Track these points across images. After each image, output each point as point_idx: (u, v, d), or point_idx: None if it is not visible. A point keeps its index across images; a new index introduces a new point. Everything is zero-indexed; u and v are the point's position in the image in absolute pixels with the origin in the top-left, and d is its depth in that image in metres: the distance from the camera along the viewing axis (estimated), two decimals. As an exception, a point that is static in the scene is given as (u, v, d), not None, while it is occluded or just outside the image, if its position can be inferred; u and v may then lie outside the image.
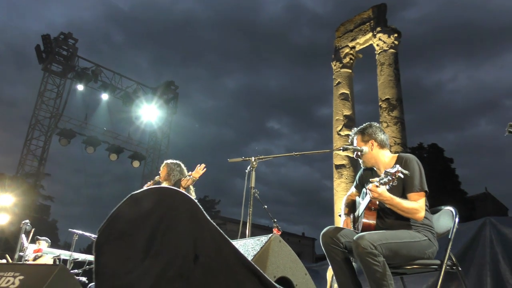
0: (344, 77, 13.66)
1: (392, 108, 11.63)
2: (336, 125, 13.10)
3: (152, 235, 1.55)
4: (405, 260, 2.57)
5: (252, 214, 3.40)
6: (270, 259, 2.23)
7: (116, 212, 1.68)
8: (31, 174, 17.64)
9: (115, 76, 19.27)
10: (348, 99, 13.36)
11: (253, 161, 3.47)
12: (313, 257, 44.75)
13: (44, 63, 18.04)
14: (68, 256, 7.31)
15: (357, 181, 3.12)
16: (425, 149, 32.32)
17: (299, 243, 45.45)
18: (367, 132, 2.95)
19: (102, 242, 1.60)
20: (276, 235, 2.41)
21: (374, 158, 2.90)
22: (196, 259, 1.49)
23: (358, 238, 2.43)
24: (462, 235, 6.38)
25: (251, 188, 3.38)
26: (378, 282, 2.35)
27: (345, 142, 12.67)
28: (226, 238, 1.67)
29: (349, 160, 12.30)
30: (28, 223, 7.37)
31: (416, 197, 2.60)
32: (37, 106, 17.75)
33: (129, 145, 19.80)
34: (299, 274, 2.42)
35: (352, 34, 13.79)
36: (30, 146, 17.36)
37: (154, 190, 1.73)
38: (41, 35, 17.86)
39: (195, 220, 1.59)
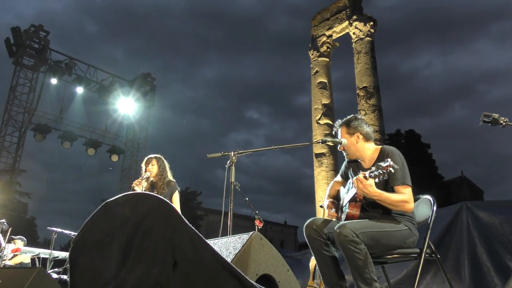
0: (322, 66, 13.70)
1: (370, 96, 11.74)
2: (315, 114, 13.16)
3: (129, 244, 1.51)
4: (385, 249, 2.61)
5: (234, 204, 3.41)
6: (251, 257, 2.22)
7: (90, 222, 1.64)
8: (6, 171, 17.19)
9: (90, 69, 18.86)
10: (326, 87, 13.42)
11: (232, 156, 3.45)
12: (296, 245, 45.24)
13: (15, 56, 17.48)
14: (47, 254, 7.19)
15: (342, 170, 3.13)
16: (402, 135, 32.87)
17: (282, 232, 45.86)
18: (352, 125, 2.93)
19: (76, 254, 1.54)
20: (257, 233, 2.41)
21: (359, 151, 2.90)
22: (175, 266, 1.46)
23: (340, 227, 2.45)
24: (440, 220, 6.52)
25: (231, 183, 3.36)
26: (359, 270, 2.38)
27: (324, 130, 12.76)
28: (205, 241, 1.63)
29: (329, 149, 12.39)
30: (5, 222, 7.21)
31: (402, 189, 2.62)
32: (9, 101, 17.25)
33: (106, 139, 19.49)
34: (281, 271, 2.42)
35: (328, 22, 13.81)
36: (4, 143, 16.90)
37: (129, 197, 1.69)
38: (10, 27, 17.28)
39: (173, 225, 1.55)
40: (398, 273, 6.70)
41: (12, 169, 17.17)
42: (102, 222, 1.60)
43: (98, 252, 1.51)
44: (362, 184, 2.48)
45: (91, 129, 19.12)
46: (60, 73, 17.53)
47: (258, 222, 5.78)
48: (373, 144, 2.94)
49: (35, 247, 8.63)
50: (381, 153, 2.82)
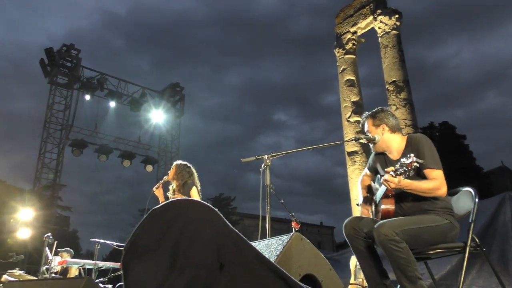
0: (348, 63, 13.57)
1: (400, 90, 11.54)
2: (344, 112, 13.04)
3: (176, 249, 1.56)
4: (427, 244, 2.57)
5: (264, 208, 3.42)
6: (293, 257, 2.24)
7: (139, 230, 1.70)
8: (48, 187, 17.88)
9: (120, 83, 19.39)
10: (354, 85, 13.28)
11: (266, 159, 3.47)
12: (333, 246, 44.78)
13: (50, 76, 18.18)
14: (92, 265, 7.41)
15: (369, 164, 3.11)
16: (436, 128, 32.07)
17: (318, 233, 45.50)
18: (378, 117, 2.92)
19: (128, 261, 1.61)
20: (297, 234, 2.42)
21: (385, 143, 2.88)
22: (221, 268, 1.50)
23: (379, 226, 2.43)
24: (482, 212, 6.35)
25: (267, 186, 3.38)
26: (402, 268, 2.35)
27: (355, 128, 12.63)
28: (248, 243, 1.67)
29: (361, 146, 12.25)
30: (50, 236, 7.47)
31: (433, 173, 2.59)
32: (47, 119, 17.93)
33: (140, 150, 19.95)
34: (323, 270, 2.43)
35: (352, 19, 13.68)
36: (44, 160, 17.57)
37: (172, 204, 1.75)
38: (44, 48, 17.99)
39: (216, 229, 1.59)
40: (441, 269, 6.55)
41: (53, 184, 17.82)
42: (149, 229, 1.67)
43: (148, 258, 1.57)
44: (394, 184, 2.47)
45: (125, 141, 19.62)
46: (92, 89, 18.12)
47: (295, 224, 5.76)
48: (400, 135, 2.91)
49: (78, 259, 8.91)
50: (408, 142, 2.80)
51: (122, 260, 1.65)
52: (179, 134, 22.00)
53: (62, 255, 7.99)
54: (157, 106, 20.53)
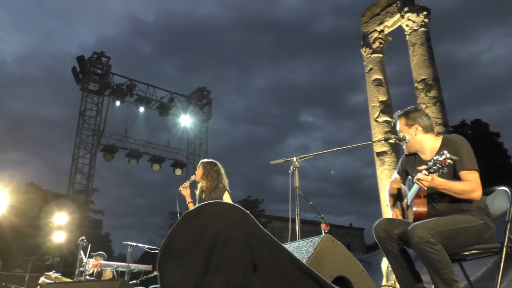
0: (376, 62, 13.40)
1: (429, 88, 11.31)
2: (372, 112, 12.87)
3: (210, 251, 1.59)
4: (462, 246, 2.51)
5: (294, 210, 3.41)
6: (324, 259, 2.23)
7: (173, 232, 1.74)
8: (81, 191, 18.40)
9: (149, 88, 19.76)
10: (382, 84, 13.10)
11: (295, 161, 3.47)
12: (363, 248, 44.16)
13: (82, 83, 18.72)
14: (125, 268, 7.56)
15: (399, 167, 3.05)
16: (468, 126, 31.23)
17: (348, 235, 44.96)
18: (411, 116, 2.85)
19: (163, 263, 1.66)
20: (328, 235, 2.41)
21: (418, 143, 2.83)
22: (255, 270, 1.52)
23: (413, 228, 2.39)
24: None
25: (296, 188, 3.38)
26: (438, 270, 2.29)
27: (383, 128, 12.44)
28: (280, 245, 1.68)
29: (391, 147, 12.06)
30: (85, 239, 7.67)
31: (468, 175, 2.52)
32: (79, 126, 18.45)
33: (169, 153, 20.25)
34: (355, 272, 2.40)
35: (379, 17, 13.51)
36: (77, 165, 18.08)
37: (205, 206, 1.78)
38: (75, 56, 18.53)
39: (249, 231, 1.61)
40: (476, 271, 6.37)
41: (86, 189, 18.31)
42: (184, 231, 1.70)
43: (183, 260, 1.61)
44: (427, 182, 2.41)
45: (154, 145, 19.96)
46: (122, 95, 18.54)
47: (324, 225, 5.72)
48: (433, 135, 2.85)
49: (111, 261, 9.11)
50: (443, 143, 2.73)
51: (157, 262, 1.69)
52: (207, 138, 22.24)
53: (96, 258, 8.19)
54: (185, 110, 20.86)
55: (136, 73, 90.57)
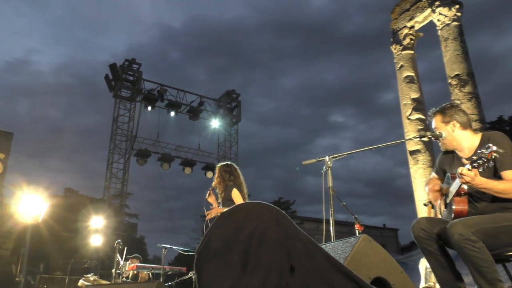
0: (407, 59, 13.15)
1: (464, 83, 11.00)
2: (404, 110, 12.62)
3: (246, 251, 1.59)
4: (505, 245, 2.40)
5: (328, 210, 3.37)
6: (362, 260, 2.18)
7: (210, 233, 1.74)
8: (116, 196, 18.87)
9: (179, 93, 20.06)
10: (413, 81, 12.84)
11: (327, 161, 3.43)
12: (398, 248, 43.23)
13: (114, 90, 19.20)
14: (160, 270, 7.67)
15: (437, 166, 2.97)
16: (506, 122, 30.11)
17: (381, 235, 44.16)
18: (448, 113, 2.75)
19: (201, 264, 1.67)
20: (365, 236, 2.36)
21: (456, 140, 2.73)
22: (292, 271, 1.50)
23: (452, 226, 2.30)
24: None
25: (330, 188, 3.34)
26: (480, 270, 2.20)
27: (416, 126, 12.18)
28: (318, 245, 1.65)
29: (424, 145, 11.79)
30: (121, 242, 7.83)
31: (511, 174, 2.41)
32: (113, 131, 18.92)
33: (200, 157, 20.47)
34: (394, 273, 2.34)
35: (409, 13, 13.25)
36: (112, 170, 18.53)
37: (241, 207, 1.78)
38: (108, 65, 19.01)
39: (285, 231, 1.60)
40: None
41: (121, 193, 18.75)
42: (219, 232, 1.71)
43: (220, 261, 1.62)
44: (469, 177, 2.31)
45: (186, 149, 20.23)
46: (153, 100, 18.91)
47: (358, 226, 5.62)
48: (471, 132, 2.75)
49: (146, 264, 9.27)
50: (483, 140, 2.61)
51: (195, 263, 1.70)
52: (237, 140, 22.37)
53: (131, 260, 8.34)
54: (214, 113, 21.09)
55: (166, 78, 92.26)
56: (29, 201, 11.56)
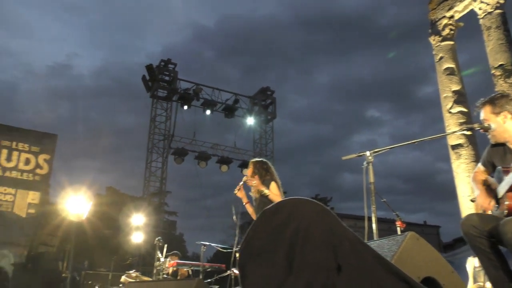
0: (446, 50, 12.70)
1: (509, 74, 10.51)
2: (445, 103, 12.21)
3: (291, 250, 1.55)
4: None
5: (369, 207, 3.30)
6: (410, 259, 2.09)
7: (252, 231, 1.71)
8: (155, 194, 19.30)
9: (214, 91, 20.26)
10: (454, 73, 12.39)
11: (368, 156, 3.34)
12: (439, 246, 42.05)
13: (151, 90, 19.59)
14: (199, 267, 7.77)
15: (484, 158, 2.83)
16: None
17: (422, 232, 42.90)
18: (498, 103, 2.63)
19: (244, 263, 1.64)
20: (412, 233, 2.27)
21: (507, 132, 2.60)
22: (339, 270, 1.45)
23: (505, 224, 2.18)
24: None
25: (371, 184, 3.26)
26: None
27: (457, 119, 11.74)
28: (365, 243, 1.59)
29: (467, 138, 11.36)
30: (161, 239, 7.98)
31: None
32: (151, 131, 19.32)
33: (236, 154, 20.62)
34: (445, 273, 2.23)
35: (448, 2, 12.79)
36: (151, 169, 18.95)
37: (284, 203, 1.74)
38: (144, 66, 19.40)
39: (331, 228, 1.56)
40: None
41: (159, 191, 19.15)
42: (263, 230, 1.68)
43: (264, 260, 1.59)
44: None
45: (222, 147, 20.42)
46: (189, 99, 19.20)
47: (400, 223, 5.47)
48: None
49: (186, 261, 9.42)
50: None
51: (238, 261, 1.66)
52: (272, 137, 22.39)
53: (171, 257, 8.48)
54: (249, 111, 21.18)
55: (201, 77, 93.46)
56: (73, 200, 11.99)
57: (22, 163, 22.93)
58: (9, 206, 21.86)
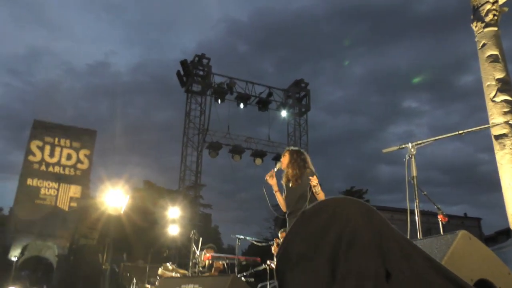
0: (490, 37, 12.08)
1: (558, 59, 9.90)
2: (488, 91, 11.65)
3: (335, 255, 1.42)
4: None
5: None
6: (462, 260, 1.93)
7: (291, 235, 1.59)
8: (191, 187, 19.51)
9: (248, 85, 20.20)
10: (498, 60, 11.78)
11: (410, 148, 3.17)
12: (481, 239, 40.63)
13: (186, 85, 19.76)
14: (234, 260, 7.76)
15: None
16: None
17: (462, 225, 41.64)
18: None
19: (283, 270, 1.52)
20: (464, 232, 2.10)
21: None
22: (388, 278, 1.31)
23: None
24: None
25: (414, 178, 3.09)
26: None
27: (502, 108, 11.18)
28: (416, 246, 1.47)
29: (511, 128, 10.83)
30: (196, 232, 8.02)
31: None
32: (186, 126, 19.52)
33: (270, 147, 20.55)
34: (500, 274, 2.05)
35: (492, -14, 12.16)
36: (186, 162, 19.15)
37: (325, 203, 1.61)
38: (179, 61, 19.57)
39: (378, 230, 1.44)
40: None
41: (195, 185, 19.35)
42: (302, 233, 1.55)
43: (304, 266, 1.47)
44: None
45: (256, 140, 20.38)
46: (223, 93, 19.24)
47: (441, 217, 5.23)
48: None
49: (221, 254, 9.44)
50: None
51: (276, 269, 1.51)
52: (306, 130, 22.15)
53: (207, 250, 8.51)
54: (283, 104, 21.02)
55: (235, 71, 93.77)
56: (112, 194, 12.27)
57: (64, 158, 23.81)
58: (52, 200, 22.76)
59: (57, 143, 23.96)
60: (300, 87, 21.99)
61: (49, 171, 23.24)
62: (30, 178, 22.65)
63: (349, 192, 34.59)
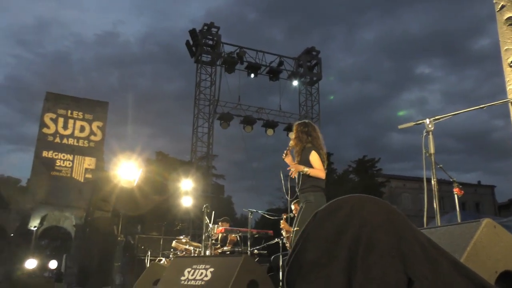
0: (510, -2, 11.58)
1: None
2: (505, 56, 11.18)
3: (352, 261, 1.29)
4: None
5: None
6: (486, 251, 1.81)
7: (302, 239, 1.43)
8: (203, 158, 19.55)
9: (258, 54, 19.83)
10: (519, 23, 11.32)
11: (428, 124, 3.00)
12: (494, 207, 40.32)
13: (195, 55, 19.46)
14: (247, 233, 7.77)
15: None
16: None
17: (476, 193, 41.39)
18: None
19: (293, 279, 1.38)
20: (488, 220, 1.97)
21: None
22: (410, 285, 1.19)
23: None
24: None
25: (431, 155, 2.93)
26: None
27: (521, 74, 10.82)
28: (441, 249, 1.34)
29: (530, 94, 10.48)
30: (208, 206, 8.02)
31: None
32: (196, 97, 19.35)
33: (282, 117, 20.33)
34: (527, 266, 1.94)
35: None
36: (197, 134, 19.11)
37: (340, 203, 1.44)
38: (188, 31, 19.21)
39: (400, 233, 1.31)
40: None
41: (207, 155, 19.37)
42: (315, 238, 1.41)
43: (317, 276, 1.34)
44: None
45: (267, 110, 20.17)
46: (233, 63, 18.92)
47: (457, 190, 5.09)
48: None
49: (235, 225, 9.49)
50: None
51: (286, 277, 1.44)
52: (318, 99, 21.84)
53: (221, 223, 8.53)
54: (294, 73, 20.66)
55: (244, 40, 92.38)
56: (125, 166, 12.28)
57: (77, 130, 23.99)
58: (68, 172, 23.11)
59: (70, 115, 24.09)
60: (311, 55, 21.53)
61: (63, 143, 23.49)
62: (45, 151, 22.97)
63: (361, 161, 34.30)
